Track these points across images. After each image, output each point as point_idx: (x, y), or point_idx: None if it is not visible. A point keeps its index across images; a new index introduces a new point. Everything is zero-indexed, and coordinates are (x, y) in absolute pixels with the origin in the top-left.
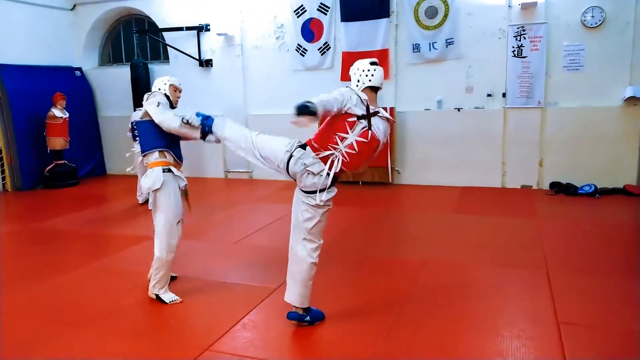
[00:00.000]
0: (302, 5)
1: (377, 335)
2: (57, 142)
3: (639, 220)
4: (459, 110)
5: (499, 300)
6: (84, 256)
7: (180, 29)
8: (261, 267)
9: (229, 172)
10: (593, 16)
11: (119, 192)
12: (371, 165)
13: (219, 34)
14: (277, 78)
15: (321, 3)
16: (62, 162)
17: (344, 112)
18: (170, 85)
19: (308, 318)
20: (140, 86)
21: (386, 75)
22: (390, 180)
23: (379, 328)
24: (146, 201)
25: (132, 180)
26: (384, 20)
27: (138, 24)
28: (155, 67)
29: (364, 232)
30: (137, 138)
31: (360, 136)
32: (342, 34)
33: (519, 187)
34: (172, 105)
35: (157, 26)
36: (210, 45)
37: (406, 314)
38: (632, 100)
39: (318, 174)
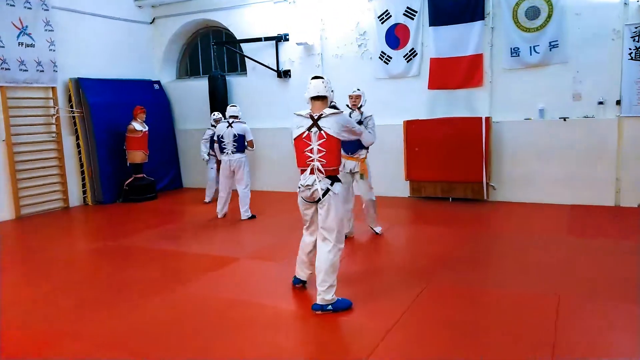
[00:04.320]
0: (387, 11)
1: None
2: (137, 156)
3: None
4: (565, 120)
5: None
6: (168, 278)
7: (258, 39)
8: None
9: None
10: None
11: (198, 207)
12: (463, 179)
13: (298, 44)
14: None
15: (408, 7)
16: (141, 175)
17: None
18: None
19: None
20: (218, 98)
21: (480, 82)
22: (486, 197)
23: None
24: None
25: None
26: (478, 23)
27: (216, 36)
28: (232, 79)
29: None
30: (225, 149)
31: (319, 139)
32: (430, 39)
33: (636, 206)
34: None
35: (235, 37)
36: (289, 55)
37: None
38: None
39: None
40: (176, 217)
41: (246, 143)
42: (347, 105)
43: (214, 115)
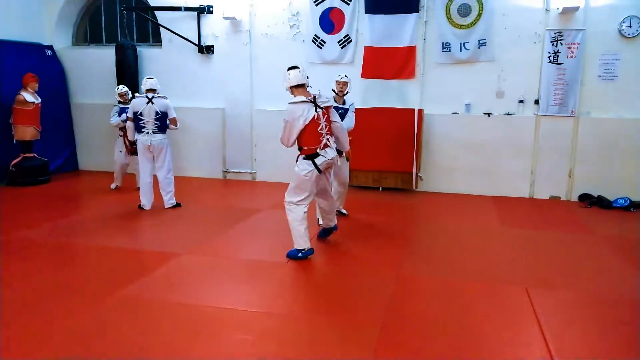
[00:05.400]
0: None
1: None
2: (27, 132)
3: None
4: (488, 116)
5: None
6: (103, 280)
7: (177, 8)
8: None
9: (228, 172)
10: (630, 26)
11: (106, 193)
12: (394, 169)
13: (225, 18)
14: (284, 72)
15: None
16: (32, 155)
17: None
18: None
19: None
20: (128, 71)
21: (412, 74)
22: (414, 187)
23: None
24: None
25: (110, 177)
26: (413, 15)
27: (124, 0)
28: (144, 51)
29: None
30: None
31: (323, 116)
32: (365, 27)
33: (547, 198)
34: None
35: (147, 4)
36: (213, 29)
37: None
38: None
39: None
40: (83, 204)
41: (168, 121)
42: (333, 91)
43: (118, 89)
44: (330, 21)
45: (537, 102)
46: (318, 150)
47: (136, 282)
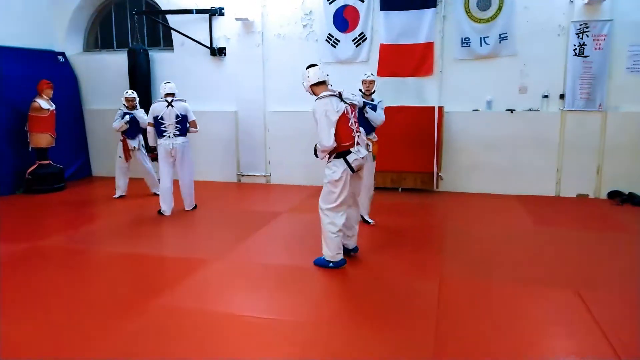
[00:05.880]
0: None
1: None
2: (43, 139)
3: None
4: (511, 112)
5: None
6: (132, 289)
7: (189, 11)
8: None
9: (242, 175)
10: None
11: (121, 199)
12: (414, 169)
13: (237, 19)
14: (303, 71)
15: None
16: (47, 162)
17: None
18: None
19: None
20: (140, 76)
21: (430, 71)
22: (435, 187)
23: None
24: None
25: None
26: (430, 11)
27: (134, 5)
28: (156, 55)
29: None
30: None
31: (351, 112)
32: (380, 24)
33: (575, 196)
34: None
35: (158, 7)
36: (224, 31)
37: None
38: None
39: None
40: (102, 211)
41: (188, 124)
42: (360, 90)
43: (127, 93)
44: (344, 19)
45: (562, 96)
46: (353, 149)
47: (169, 290)
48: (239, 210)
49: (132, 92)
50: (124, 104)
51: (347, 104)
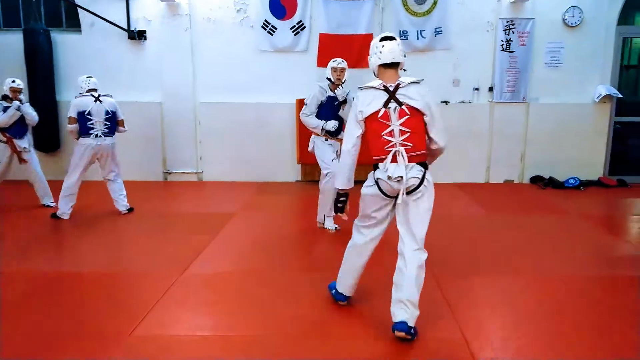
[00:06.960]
0: None
1: None
2: None
3: None
4: (446, 104)
5: None
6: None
7: None
8: None
9: (169, 173)
10: (573, 16)
11: (24, 202)
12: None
13: (161, 0)
14: (237, 59)
15: None
16: None
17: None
18: None
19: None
20: (41, 61)
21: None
22: None
23: None
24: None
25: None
26: (369, 2)
27: None
28: (58, 37)
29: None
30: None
31: (400, 117)
32: (320, 13)
33: (502, 182)
34: None
35: None
36: (145, 13)
37: None
38: (603, 97)
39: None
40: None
41: (117, 123)
42: (329, 79)
43: (15, 82)
44: (281, 6)
45: (491, 89)
46: (381, 164)
47: (147, 315)
48: (183, 212)
49: (20, 82)
50: (5, 95)
51: (400, 104)
